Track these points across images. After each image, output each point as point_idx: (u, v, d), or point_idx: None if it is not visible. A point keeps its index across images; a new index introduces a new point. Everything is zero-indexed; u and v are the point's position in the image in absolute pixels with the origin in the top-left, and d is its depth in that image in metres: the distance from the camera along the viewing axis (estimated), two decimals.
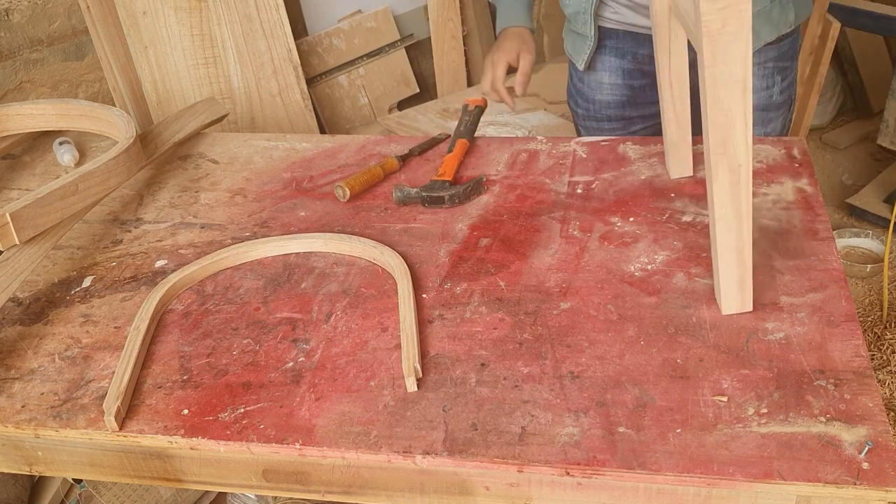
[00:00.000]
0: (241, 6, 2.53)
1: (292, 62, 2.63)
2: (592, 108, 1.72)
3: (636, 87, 1.67)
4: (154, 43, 2.48)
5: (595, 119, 1.74)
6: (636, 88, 1.67)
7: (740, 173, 0.98)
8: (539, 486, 0.95)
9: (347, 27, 2.94)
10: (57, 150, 1.61)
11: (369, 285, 1.21)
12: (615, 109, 1.71)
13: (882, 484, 0.85)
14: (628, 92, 1.68)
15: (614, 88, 1.68)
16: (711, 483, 0.88)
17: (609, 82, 1.68)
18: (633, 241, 1.24)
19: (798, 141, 1.45)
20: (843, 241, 2.72)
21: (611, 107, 1.71)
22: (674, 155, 1.37)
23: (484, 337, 1.09)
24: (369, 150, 1.57)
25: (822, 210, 1.27)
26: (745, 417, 0.93)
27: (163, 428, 1.00)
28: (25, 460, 1.10)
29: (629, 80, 1.67)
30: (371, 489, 1.01)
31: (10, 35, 2.29)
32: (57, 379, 1.09)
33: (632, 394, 0.98)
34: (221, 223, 1.39)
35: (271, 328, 1.14)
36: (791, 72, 1.63)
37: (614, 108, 1.71)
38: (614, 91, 1.68)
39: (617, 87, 1.68)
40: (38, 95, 2.39)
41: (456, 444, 0.94)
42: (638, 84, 1.67)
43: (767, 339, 1.04)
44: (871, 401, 0.93)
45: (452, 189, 1.37)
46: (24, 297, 1.25)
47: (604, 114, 1.72)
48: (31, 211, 1.19)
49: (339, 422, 0.98)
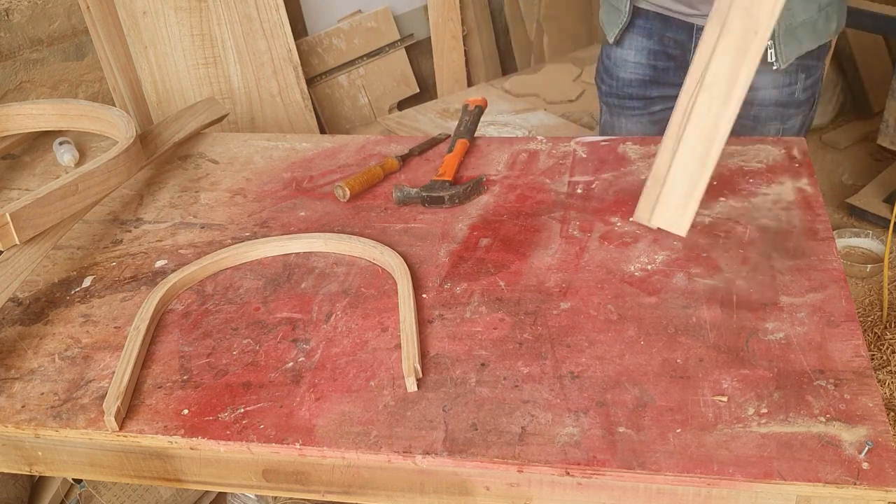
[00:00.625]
0: (241, 6, 2.53)
1: (292, 62, 2.63)
2: (616, 84, 1.75)
3: (660, 68, 1.69)
4: (154, 43, 2.48)
5: (617, 96, 1.76)
6: (660, 69, 1.69)
7: (752, 44, 0.80)
8: (539, 486, 0.95)
9: (347, 27, 2.94)
10: (57, 150, 1.61)
11: (369, 285, 1.21)
12: (637, 88, 1.73)
13: (882, 484, 0.85)
14: (651, 72, 1.70)
15: (638, 67, 1.70)
16: (711, 483, 0.88)
17: (634, 61, 1.70)
18: (633, 241, 1.24)
19: (798, 141, 1.45)
20: (843, 241, 2.72)
21: (633, 85, 1.73)
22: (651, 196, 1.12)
23: (484, 337, 1.09)
24: (369, 150, 1.57)
25: (822, 210, 1.27)
26: (745, 417, 0.93)
27: (163, 428, 1.00)
28: (25, 460, 1.10)
29: (653, 60, 1.69)
30: (371, 489, 1.01)
31: (10, 35, 2.30)
32: (57, 379, 1.09)
33: (632, 394, 0.98)
34: (221, 223, 1.39)
35: (271, 328, 1.14)
36: (816, 70, 1.63)
37: (637, 86, 1.73)
38: (638, 70, 1.71)
39: (641, 67, 1.70)
40: (38, 95, 2.40)
41: (456, 444, 0.94)
42: (662, 66, 1.69)
43: (767, 339, 1.04)
44: (871, 401, 0.94)
45: (452, 189, 1.37)
46: (24, 297, 1.25)
47: (626, 91, 1.74)
48: (31, 211, 1.19)
49: (339, 422, 0.98)
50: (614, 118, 1.79)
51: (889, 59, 3.40)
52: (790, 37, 1.50)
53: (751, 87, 1.59)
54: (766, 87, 1.59)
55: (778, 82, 1.59)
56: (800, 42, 1.52)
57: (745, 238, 1.22)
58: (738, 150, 1.43)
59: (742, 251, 1.19)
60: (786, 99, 1.61)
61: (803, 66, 1.59)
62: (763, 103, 1.61)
